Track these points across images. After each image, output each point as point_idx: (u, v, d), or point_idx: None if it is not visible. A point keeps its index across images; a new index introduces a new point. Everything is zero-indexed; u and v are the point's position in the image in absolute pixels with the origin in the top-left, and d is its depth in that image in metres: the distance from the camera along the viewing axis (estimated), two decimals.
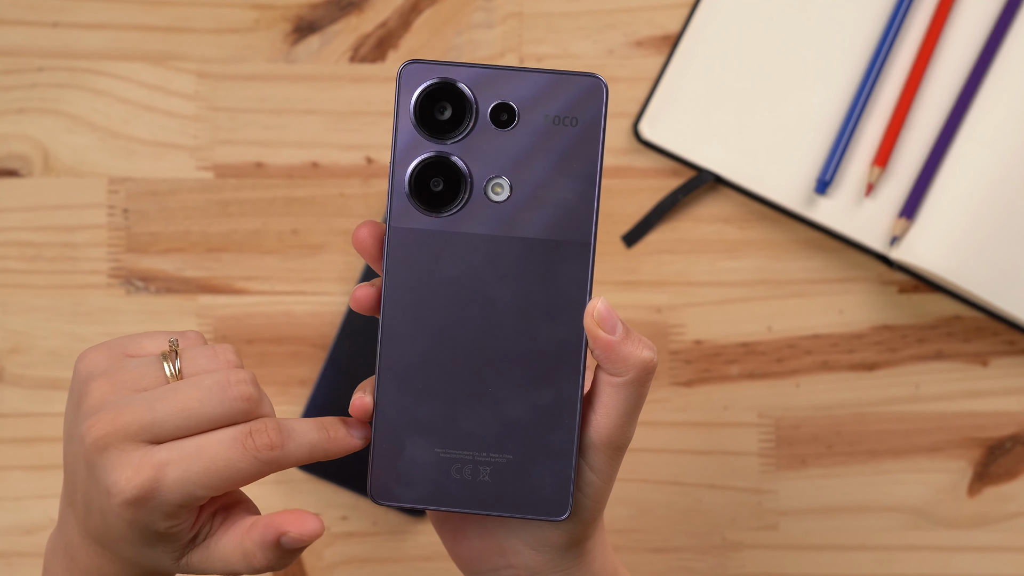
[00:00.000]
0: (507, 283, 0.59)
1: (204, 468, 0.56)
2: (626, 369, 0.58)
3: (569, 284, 0.59)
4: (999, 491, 0.87)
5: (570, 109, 0.58)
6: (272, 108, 0.88)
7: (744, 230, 0.88)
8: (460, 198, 0.58)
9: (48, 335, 0.87)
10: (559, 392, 0.59)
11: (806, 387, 0.87)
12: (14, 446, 0.87)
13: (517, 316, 0.59)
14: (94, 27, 0.88)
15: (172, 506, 0.57)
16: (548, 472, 0.59)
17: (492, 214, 0.58)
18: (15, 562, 0.86)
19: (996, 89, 0.85)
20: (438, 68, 0.58)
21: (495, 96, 0.58)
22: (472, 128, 0.58)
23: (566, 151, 0.58)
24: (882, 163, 0.86)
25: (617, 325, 0.58)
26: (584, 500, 0.60)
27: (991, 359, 0.87)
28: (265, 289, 0.87)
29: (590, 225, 0.58)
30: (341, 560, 0.87)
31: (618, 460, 0.60)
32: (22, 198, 0.88)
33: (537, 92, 0.58)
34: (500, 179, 0.58)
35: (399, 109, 0.58)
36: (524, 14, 0.88)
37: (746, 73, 0.87)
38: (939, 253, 0.84)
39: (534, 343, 0.59)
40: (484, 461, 0.59)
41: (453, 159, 0.58)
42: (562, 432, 0.59)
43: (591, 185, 0.58)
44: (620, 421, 0.59)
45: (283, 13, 0.88)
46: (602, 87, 0.58)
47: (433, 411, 0.59)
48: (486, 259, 0.59)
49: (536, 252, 0.58)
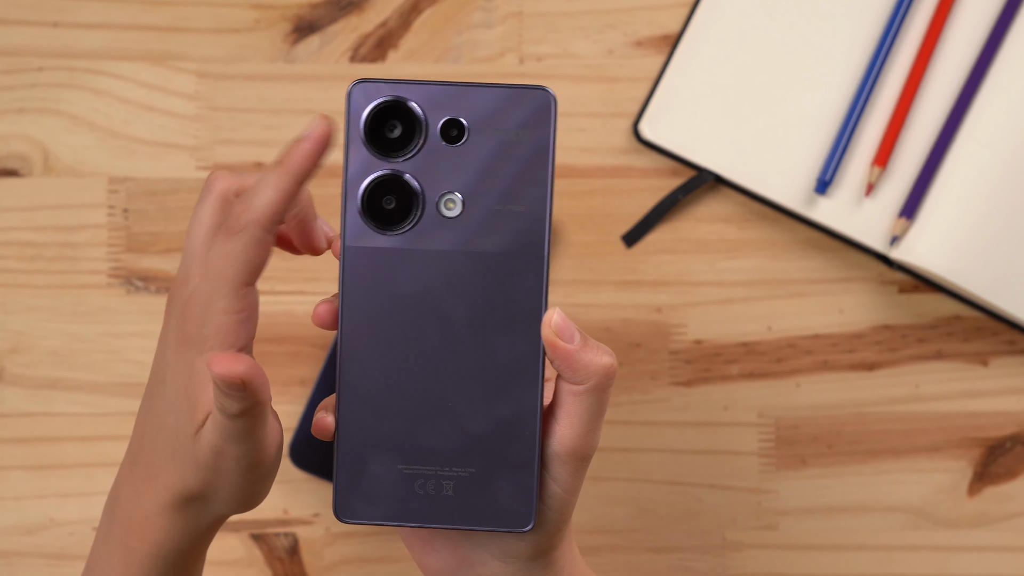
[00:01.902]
0: (463, 298, 0.59)
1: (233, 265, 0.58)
2: (587, 376, 0.58)
3: (524, 296, 0.59)
4: (999, 491, 0.87)
5: (520, 123, 0.58)
6: (272, 108, 0.88)
7: (744, 230, 0.88)
8: (413, 215, 0.59)
9: (48, 335, 0.87)
10: (519, 404, 0.59)
11: (806, 387, 0.87)
12: (14, 446, 0.87)
13: (475, 330, 0.59)
14: (94, 27, 0.88)
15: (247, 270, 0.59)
16: (511, 484, 0.60)
17: (446, 230, 0.59)
18: (15, 562, 0.86)
19: (996, 89, 0.85)
20: (387, 87, 0.58)
21: (444, 112, 0.58)
22: (423, 145, 0.59)
23: (517, 165, 0.59)
24: (882, 163, 0.86)
25: (575, 334, 0.58)
26: (548, 512, 0.61)
27: (991, 359, 0.87)
28: (265, 289, 0.87)
29: (543, 237, 0.59)
30: (341, 560, 0.87)
31: (583, 471, 0.60)
32: (22, 198, 0.88)
33: (486, 107, 0.58)
34: (452, 195, 0.59)
35: (349, 128, 0.59)
36: (524, 14, 0.88)
37: (746, 73, 0.87)
38: (939, 253, 0.84)
39: (492, 356, 0.59)
40: (447, 475, 0.60)
41: (405, 177, 0.59)
42: (523, 444, 0.59)
43: (542, 197, 0.59)
44: (584, 430, 0.59)
45: (283, 13, 0.88)
46: (550, 100, 0.58)
47: (395, 427, 0.59)
48: (442, 275, 0.59)
49: (491, 266, 0.59)
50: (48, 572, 0.87)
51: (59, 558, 0.87)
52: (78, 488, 0.87)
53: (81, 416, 0.87)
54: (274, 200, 0.58)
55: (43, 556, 0.87)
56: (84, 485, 0.87)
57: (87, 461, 0.87)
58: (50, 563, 0.87)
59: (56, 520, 0.87)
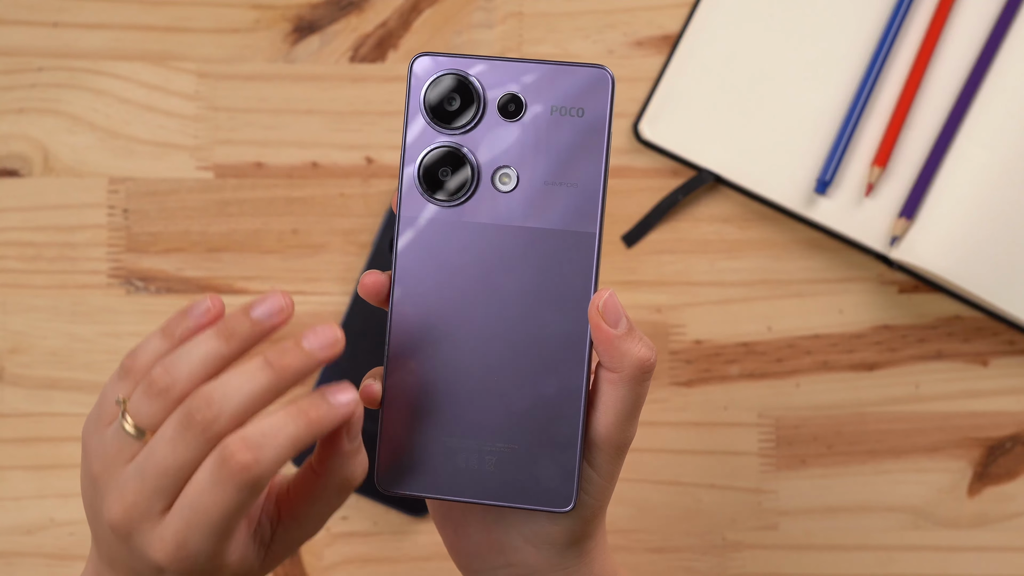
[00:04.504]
0: (514, 273, 0.59)
1: (207, 520, 0.54)
2: (621, 365, 0.58)
3: (575, 275, 0.59)
4: (999, 491, 0.87)
5: (577, 100, 0.59)
6: (272, 108, 0.88)
7: (744, 230, 0.88)
8: (468, 188, 0.59)
9: (48, 335, 0.87)
10: (565, 383, 0.59)
11: (806, 387, 0.87)
12: (14, 446, 0.87)
13: (524, 306, 0.59)
14: (94, 27, 0.88)
15: (210, 555, 0.55)
16: (553, 463, 0.59)
17: (499, 204, 0.59)
18: (15, 562, 0.86)
19: (996, 89, 0.85)
20: (447, 60, 0.59)
21: (503, 87, 0.59)
22: (480, 119, 0.59)
23: (573, 142, 0.59)
24: (882, 163, 0.86)
25: (621, 319, 0.58)
26: (585, 497, 0.60)
27: (991, 359, 0.87)
28: (265, 289, 0.87)
29: (596, 215, 0.59)
30: (341, 560, 0.87)
31: (619, 460, 0.60)
32: (22, 198, 0.88)
33: (544, 83, 0.59)
34: (507, 169, 0.59)
35: (409, 100, 0.59)
36: (524, 14, 0.88)
37: (746, 73, 0.87)
38: (939, 253, 0.84)
39: (541, 333, 0.59)
40: (490, 450, 0.60)
41: (462, 149, 0.59)
42: (567, 423, 0.59)
43: (597, 175, 0.59)
44: (618, 419, 0.59)
45: (283, 13, 0.88)
46: (608, 78, 0.58)
47: (440, 399, 0.59)
48: (494, 248, 0.59)
49: (543, 242, 0.59)
50: (48, 572, 0.87)
51: (59, 558, 0.87)
52: (78, 488, 0.87)
53: (81, 416, 0.87)
54: (293, 438, 0.54)
55: (43, 556, 0.87)
56: None
57: None
58: (50, 563, 0.87)
59: (56, 520, 0.87)
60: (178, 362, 0.55)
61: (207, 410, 0.53)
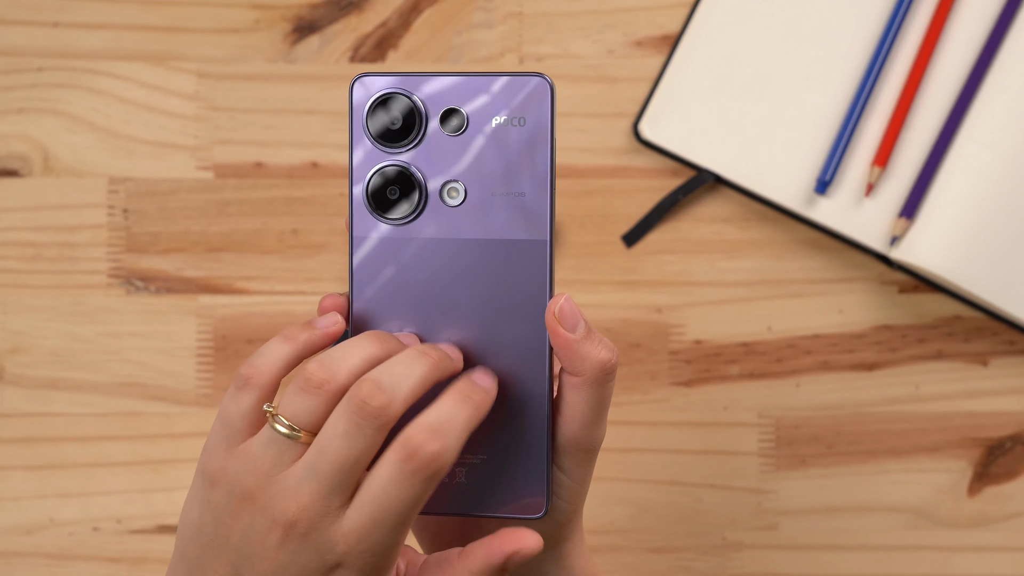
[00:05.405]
0: (470, 285, 0.59)
1: (394, 513, 0.54)
2: (583, 368, 0.58)
3: (529, 283, 0.59)
4: (999, 491, 0.87)
5: (518, 110, 0.59)
6: (272, 108, 0.88)
7: (744, 230, 0.88)
8: (417, 205, 0.60)
9: (48, 335, 0.87)
10: (528, 391, 0.60)
11: (806, 387, 0.87)
12: (14, 446, 0.87)
13: (482, 317, 0.60)
14: (94, 27, 0.88)
15: (391, 546, 0.55)
16: (523, 471, 0.60)
17: (449, 218, 0.59)
18: (15, 562, 0.86)
19: (996, 89, 0.85)
20: (386, 80, 0.59)
21: (444, 102, 0.59)
22: (423, 136, 0.59)
23: (517, 151, 0.59)
24: (882, 163, 0.86)
25: (579, 323, 0.58)
26: (558, 502, 0.61)
27: (991, 359, 0.87)
28: (265, 289, 0.87)
29: (545, 223, 0.59)
30: None
31: (590, 462, 0.60)
32: (22, 198, 0.88)
33: (484, 95, 0.59)
34: (455, 183, 0.60)
35: (352, 123, 0.60)
36: (524, 14, 0.88)
37: (746, 73, 0.87)
38: (939, 253, 0.84)
39: (501, 343, 0.60)
40: (459, 462, 0.60)
41: (408, 168, 0.59)
42: (534, 431, 0.60)
43: (544, 183, 0.59)
44: (584, 422, 0.59)
45: (283, 13, 0.88)
46: (547, 86, 0.59)
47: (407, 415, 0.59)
48: (447, 263, 0.59)
49: (495, 253, 0.59)
50: (48, 572, 0.87)
51: (59, 558, 0.87)
52: (78, 488, 0.87)
53: (81, 416, 0.87)
54: (466, 422, 0.56)
55: (43, 556, 0.87)
56: (84, 485, 0.87)
57: (87, 461, 0.87)
58: (50, 563, 0.87)
59: (56, 520, 0.87)
60: (335, 356, 0.56)
61: (380, 395, 0.54)
